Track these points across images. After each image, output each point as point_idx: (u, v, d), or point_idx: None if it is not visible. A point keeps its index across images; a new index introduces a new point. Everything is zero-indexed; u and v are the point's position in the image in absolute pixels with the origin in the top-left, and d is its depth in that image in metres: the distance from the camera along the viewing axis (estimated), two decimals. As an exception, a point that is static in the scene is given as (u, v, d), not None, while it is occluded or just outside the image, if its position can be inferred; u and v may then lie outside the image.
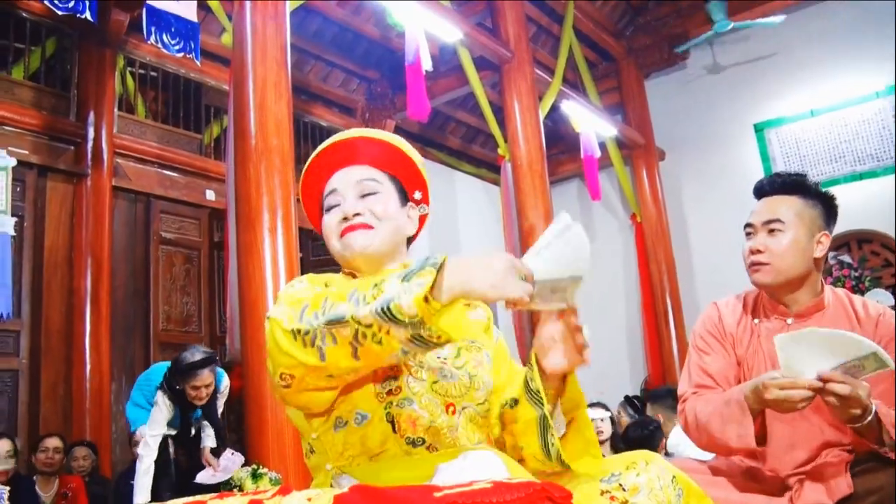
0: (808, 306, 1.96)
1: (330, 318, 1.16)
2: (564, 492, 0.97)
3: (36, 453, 4.76)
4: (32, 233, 5.61)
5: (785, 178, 2.03)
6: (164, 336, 6.34)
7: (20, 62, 5.83)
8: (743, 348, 2.01)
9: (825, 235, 1.97)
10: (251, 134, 4.44)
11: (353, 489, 1.00)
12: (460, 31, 6.75)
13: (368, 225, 1.48)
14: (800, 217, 1.95)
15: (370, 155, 1.56)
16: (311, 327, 1.18)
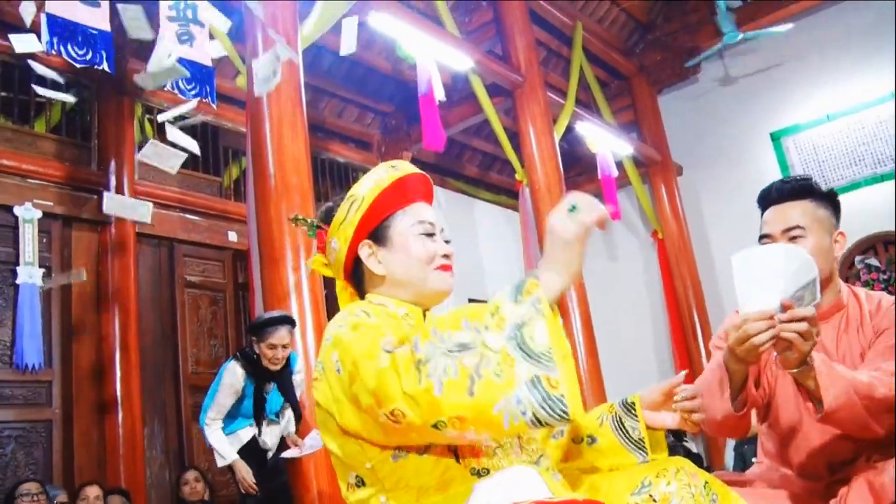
0: (829, 307, 1.94)
1: (457, 343, 1.16)
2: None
3: (76, 502, 4.75)
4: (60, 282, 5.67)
5: (793, 183, 2.01)
6: (194, 379, 6.37)
7: (42, 116, 5.94)
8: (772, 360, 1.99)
9: (840, 234, 1.97)
10: (270, 173, 4.49)
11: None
12: (471, 60, 6.81)
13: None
14: (817, 220, 1.94)
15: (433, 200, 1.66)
16: (432, 356, 1.16)
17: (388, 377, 1.18)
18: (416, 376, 1.15)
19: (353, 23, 3.66)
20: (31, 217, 5.42)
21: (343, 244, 1.55)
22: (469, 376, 1.13)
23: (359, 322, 1.36)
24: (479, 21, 8.22)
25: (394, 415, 1.19)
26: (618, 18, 9.79)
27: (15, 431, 5.22)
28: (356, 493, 1.42)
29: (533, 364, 1.12)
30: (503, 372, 1.12)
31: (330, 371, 1.35)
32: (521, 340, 1.13)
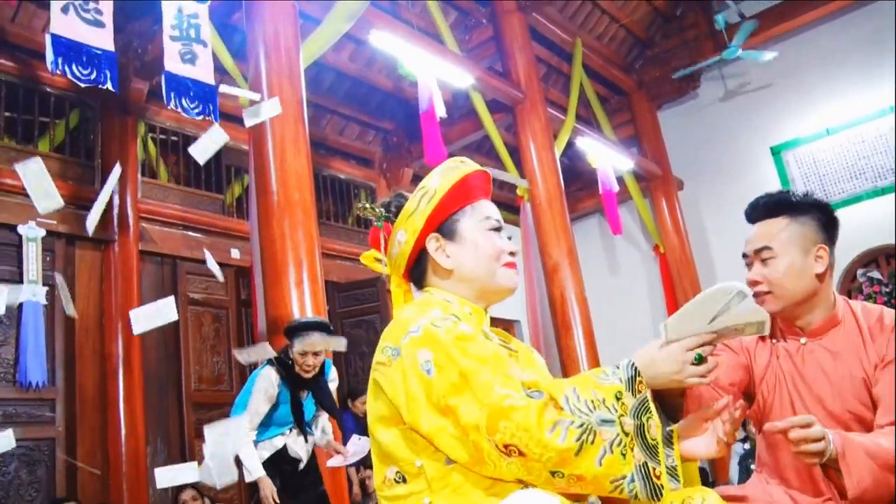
0: (821, 324, 1.89)
1: (603, 419, 1.29)
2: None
3: None
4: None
5: (768, 199, 1.96)
6: (197, 396, 6.37)
7: (45, 135, 5.97)
8: (761, 367, 1.96)
9: (822, 248, 1.88)
10: (273, 190, 4.52)
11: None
12: (472, 77, 6.86)
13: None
14: (789, 238, 1.89)
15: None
16: (581, 419, 1.28)
17: (523, 418, 1.27)
18: (559, 432, 1.26)
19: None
20: (35, 236, 5.45)
21: (411, 236, 1.56)
22: (603, 448, 1.26)
23: (462, 333, 1.39)
24: (479, 38, 8.27)
25: (507, 448, 1.28)
26: (617, 35, 9.85)
27: (18, 450, 5.20)
28: (394, 488, 1.42)
29: (645, 453, 1.30)
30: (627, 453, 1.28)
31: (412, 366, 1.36)
32: (642, 431, 1.31)
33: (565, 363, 6.85)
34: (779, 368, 1.92)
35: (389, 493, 1.43)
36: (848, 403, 1.81)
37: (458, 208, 1.58)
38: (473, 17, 8.27)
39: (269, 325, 4.43)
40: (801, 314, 1.91)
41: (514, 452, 1.27)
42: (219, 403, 6.51)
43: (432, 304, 1.48)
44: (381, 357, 1.44)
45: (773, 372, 1.93)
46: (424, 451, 1.38)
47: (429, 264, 1.58)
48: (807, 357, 1.88)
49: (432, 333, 1.37)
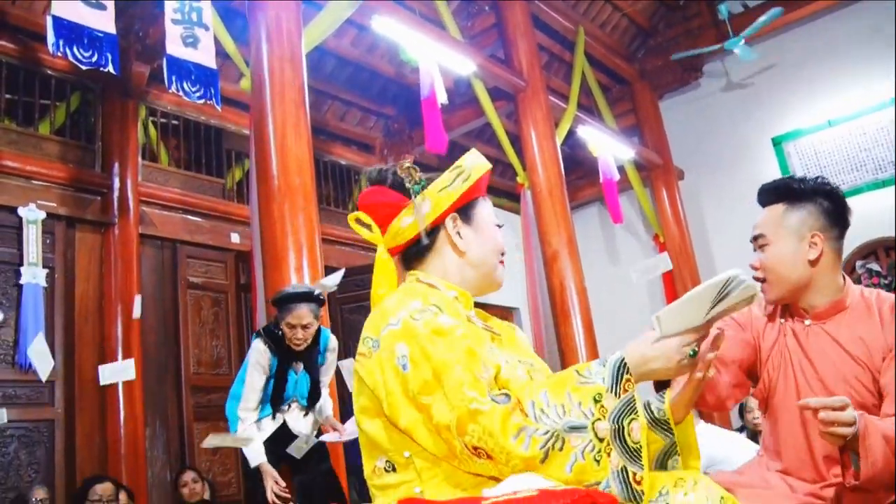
0: (825, 308, 1.92)
1: (573, 425, 1.25)
2: (609, 497, 0.99)
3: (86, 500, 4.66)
4: (63, 283, 5.70)
5: (769, 187, 2.00)
6: (196, 379, 6.39)
7: (46, 117, 5.97)
8: (768, 346, 1.99)
9: (817, 235, 1.90)
10: (273, 175, 4.51)
11: (403, 502, 1.02)
12: (473, 64, 6.84)
13: None
14: (781, 225, 1.93)
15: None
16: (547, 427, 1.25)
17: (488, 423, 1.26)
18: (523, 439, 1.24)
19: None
20: (35, 218, 5.45)
21: (434, 210, 1.54)
22: (573, 454, 1.23)
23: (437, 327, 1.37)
24: (481, 25, 8.25)
25: (476, 450, 1.27)
26: (620, 23, 9.82)
27: (18, 431, 5.24)
28: (384, 477, 1.42)
29: (624, 457, 1.25)
30: (601, 459, 1.24)
31: (389, 360, 1.36)
32: (621, 433, 1.26)
33: (564, 351, 6.86)
34: (785, 347, 1.95)
35: (379, 482, 1.43)
36: (849, 387, 1.83)
37: (479, 196, 1.63)
38: (476, 4, 8.24)
39: (269, 310, 4.43)
40: (801, 299, 1.93)
41: (482, 455, 1.27)
42: (217, 387, 6.52)
43: (415, 294, 1.47)
44: (363, 349, 1.44)
45: (780, 350, 1.96)
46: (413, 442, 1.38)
47: (438, 241, 1.57)
48: (811, 339, 1.91)
49: (410, 327, 1.36)
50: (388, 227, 1.56)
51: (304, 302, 3.78)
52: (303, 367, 3.99)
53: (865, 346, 1.84)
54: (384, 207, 1.57)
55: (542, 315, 7.13)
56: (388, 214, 1.56)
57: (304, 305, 3.78)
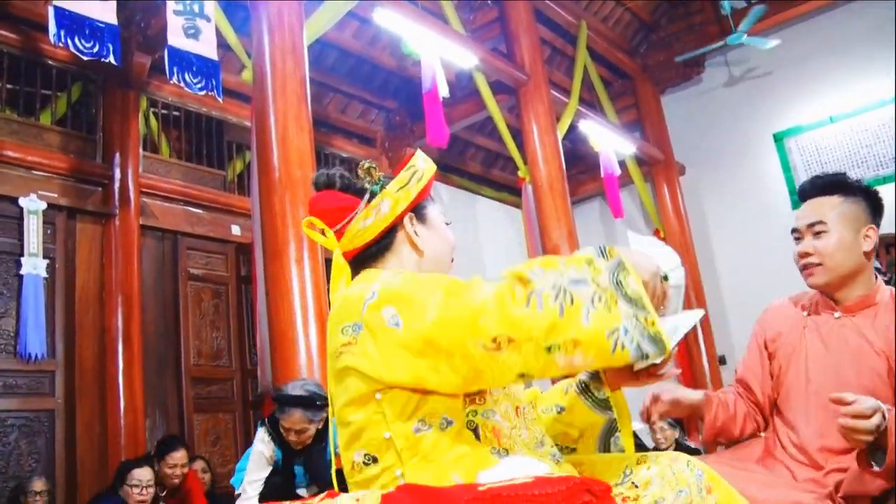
0: (857, 301, 1.99)
1: (573, 279, 1.26)
2: (603, 485, 1.00)
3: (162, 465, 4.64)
4: (64, 274, 5.71)
5: (825, 178, 2.07)
6: (196, 371, 6.41)
7: (47, 108, 5.97)
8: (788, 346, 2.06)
9: (871, 229, 2.00)
10: (275, 167, 4.52)
11: (399, 488, 1.03)
12: (475, 57, 6.84)
13: None
14: (842, 215, 1.99)
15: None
16: (553, 284, 1.25)
17: (495, 306, 1.25)
18: (535, 302, 1.24)
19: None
20: (36, 208, 5.46)
21: (394, 209, 1.53)
22: (584, 305, 1.23)
23: (409, 275, 1.41)
24: (483, 19, 8.25)
25: (496, 342, 1.25)
26: (622, 18, 9.81)
27: (18, 420, 5.26)
28: (363, 471, 1.41)
29: (630, 306, 1.26)
30: (611, 307, 1.24)
31: (378, 329, 1.35)
32: (619, 285, 1.27)
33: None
34: (802, 339, 2.03)
35: (360, 478, 1.42)
36: (863, 377, 1.89)
37: (428, 196, 1.62)
38: (478, -2, 8.24)
39: (269, 301, 4.44)
40: (843, 287, 2.01)
41: (502, 344, 1.25)
42: (217, 378, 6.55)
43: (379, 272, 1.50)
44: (343, 338, 1.41)
45: (793, 343, 2.05)
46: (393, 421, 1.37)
47: (396, 241, 1.56)
48: (836, 330, 1.98)
49: (388, 289, 1.37)
50: (343, 229, 1.55)
51: (299, 408, 3.54)
52: (303, 465, 3.74)
53: (888, 340, 1.89)
54: (337, 211, 1.55)
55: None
56: (342, 218, 1.54)
57: (298, 411, 3.54)
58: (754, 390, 2.13)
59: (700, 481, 1.34)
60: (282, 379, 4.25)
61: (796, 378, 2.01)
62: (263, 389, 4.96)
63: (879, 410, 1.62)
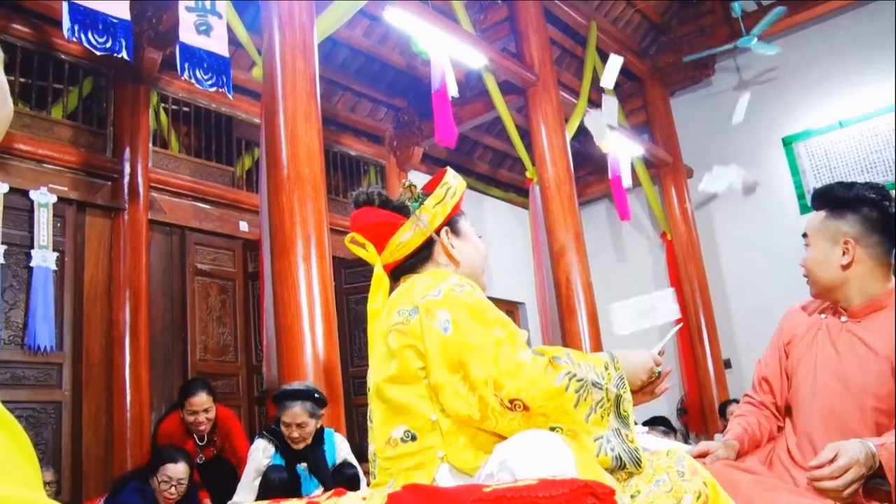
0: (861, 307, 2.01)
1: (595, 381, 1.43)
2: (606, 488, 1.01)
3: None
4: (73, 267, 5.74)
5: (814, 193, 2.12)
6: (202, 366, 6.43)
7: (59, 102, 6.00)
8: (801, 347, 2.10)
9: (849, 242, 2.00)
10: (283, 164, 4.54)
11: (405, 487, 1.05)
12: (485, 57, 6.85)
13: None
14: (819, 229, 2.07)
15: None
16: (581, 375, 1.41)
17: (531, 372, 1.38)
18: (565, 383, 1.39)
19: None
20: (47, 201, 5.49)
21: (431, 223, 1.65)
22: (590, 406, 1.40)
23: (480, 299, 1.51)
24: (493, 19, 8.25)
25: (512, 403, 1.37)
26: (632, 19, 9.81)
27: (25, 412, 5.29)
28: (398, 447, 1.47)
29: (617, 420, 1.44)
30: (605, 416, 1.42)
31: (430, 324, 1.45)
32: (619, 401, 1.46)
33: (568, 347, 6.87)
34: (813, 342, 2.07)
35: (394, 453, 1.47)
36: (869, 383, 1.91)
37: (461, 210, 1.75)
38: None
39: (276, 297, 4.46)
40: (835, 298, 2.06)
41: (518, 407, 1.37)
42: (223, 374, 6.58)
43: (448, 274, 1.58)
44: (398, 318, 1.51)
45: (806, 344, 2.09)
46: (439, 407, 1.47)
47: (434, 253, 1.68)
48: (844, 334, 2.01)
49: (453, 296, 1.47)
50: (384, 244, 1.65)
51: (299, 400, 3.70)
52: (307, 467, 3.83)
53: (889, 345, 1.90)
54: (378, 226, 1.66)
55: (548, 310, 7.15)
56: (383, 232, 1.65)
57: (298, 404, 3.70)
58: (774, 391, 2.18)
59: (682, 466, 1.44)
60: (287, 375, 4.28)
61: (805, 378, 2.05)
62: (268, 385, 4.98)
63: (854, 464, 1.63)
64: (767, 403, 2.19)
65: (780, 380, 2.16)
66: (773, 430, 2.16)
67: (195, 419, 4.11)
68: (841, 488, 1.63)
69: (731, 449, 2.05)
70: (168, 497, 3.66)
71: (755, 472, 1.93)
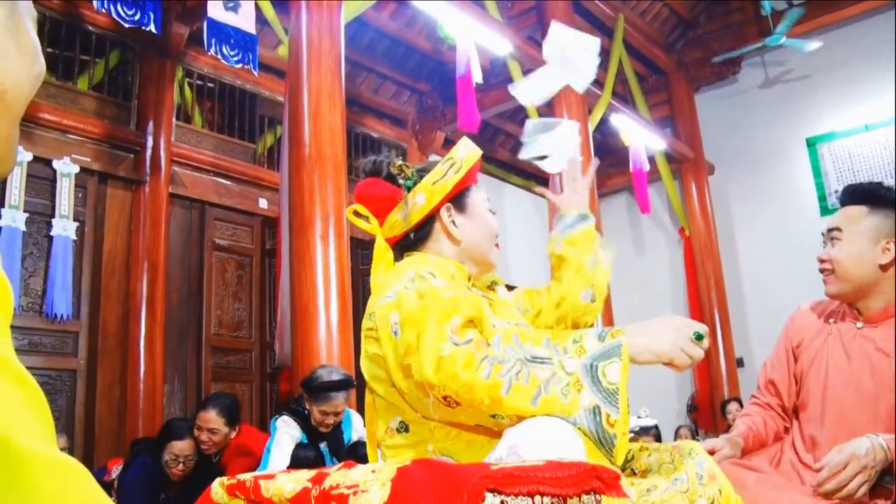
0: (879, 312, 1.97)
1: (534, 355, 1.24)
2: (612, 473, 1.02)
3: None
4: (93, 237, 5.79)
5: (856, 187, 2.06)
6: (216, 340, 6.48)
7: (85, 73, 6.04)
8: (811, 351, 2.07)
9: (892, 242, 1.94)
10: (305, 143, 4.55)
11: (415, 461, 1.06)
12: (510, 45, 6.82)
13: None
14: (860, 224, 1.97)
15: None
16: (508, 358, 1.24)
17: (447, 365, 1.24)
18: (483, 369, 1.22)
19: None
20: (69, 171, 5.53)
21: (429, 202, 1.58)
22: (537, 387, 1.20)
23: (425, 290, 1.39)
24: (520, 6, 8.21)
25: (446, 399, 1.26)
26: (660, 13, 9.74)
27: (41, 378, 5.34)
28: (395, 437, 1.45)
29: (598, 396, 1.20)
30: (569, 394, 1.20)
31: (385, 329, 1.39)
32: (595, 372, 1.22)
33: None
34: (824, 347, 2.03)
35: (391, 443, 1.46)
36: (881, 389, 1.88)
37: (471, 184, 1.66)
38: (517, -15, 8.21)
39: (293, 275, 4.48)
40: (859, 299, 1.99)
41: (452, 403, 1.25)
42: (236, 349, 6.63)
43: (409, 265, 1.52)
44: (368, 323, 1.47)
45: (816, 349, 2.05)
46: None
47: (434, 231, 1.61)
48: (858, 341, 1.97)
49: (403, 296, 1.38)
50: (384, 218, 1.61)
51: (343, 391, 3.67)
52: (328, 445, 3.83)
53: None
54: (380, 199, 1.60)
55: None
56: (385, 207, 1.60)
57: (342, 394, 3.67)
58: (781, 394, 2.14)
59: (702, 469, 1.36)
60: (301, 353, 4.31)
61: (815, 384, 2.02)
62: (281, 361, 5.02)
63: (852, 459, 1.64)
64: (774, 405, 2.17)
65: (787, 383, 2.13)
66: (780, 431, 2.14)
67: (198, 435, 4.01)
68: (842, 484, 1.62)
69: (736, 446, 2.02)
70: (177, 473, 3.68)
71: (762, 470, 1.94)
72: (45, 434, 0.61)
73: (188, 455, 3.69)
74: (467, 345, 1.27)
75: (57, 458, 0.59)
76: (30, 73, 0.72)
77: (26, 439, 0.57)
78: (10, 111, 0.70)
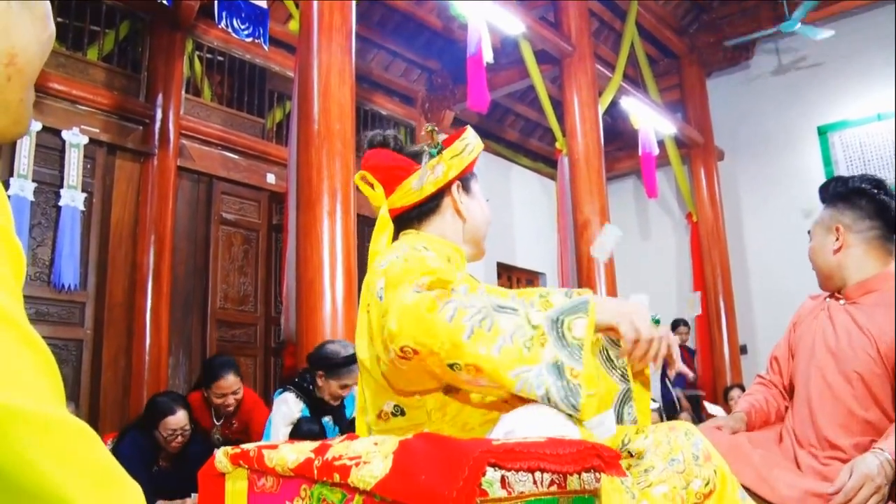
0: (853, 289, 2.11)
1: (501, 305, 1.22)
2: (612, 452, 1.02)
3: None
4: (100, 208, 5.80)
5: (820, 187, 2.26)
6: (221, 314, 6.51)
7: (95, 44, 6.02)
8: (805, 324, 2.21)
9: (839, 227, 2.12)
10: (314, 119, 4.54)
11: (417, 435, 1.07)
12: (523, 25, 6.78)
13: None
14: (819, 222, 2.20)
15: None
16: (473, 305, 1.21)
17: (410, 311, 1.23)
18: (447, 312, 1.20)
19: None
20: (78, 142, 5.54)
21: (445, 174, 1.60)
22: (500, 336, 1.18)
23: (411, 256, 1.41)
24: (533, -14, 8.17)
25: (403, 352, 1.24)
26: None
27: (48, 347, 5.37)
28: (390, 421, 1.45)
29: (562, 351, 1.18)
30: (533, 346, 1.18)
31: (372, 296, 1.40)
32: (560, 326, 1.20)
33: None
34: (815, 320, 2.17)
35: (385, 427, 1.45)
36: (857, 362, 1.99)
37: (473, 171, 1.71)
38: (530, -36, 8.15)
39: (299, 251, 4.49)
40: (836, 285, 2.16)
41: (409, 353, 1.23)
42: (241, 323, 6.65)
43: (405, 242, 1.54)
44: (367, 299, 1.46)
45: (808, 325, 2.19)
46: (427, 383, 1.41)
47: (442, 205, 1.64)
48: (841, 315, 2.10)
49: (393, 263, 1.39)
50: (393, 187, 1.61)
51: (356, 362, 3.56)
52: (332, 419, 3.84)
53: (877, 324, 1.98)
54: (391, 168, 1.61)
55: (569, 282, 7.16)
56: (395, 176, 1.61)
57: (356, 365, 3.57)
58: (782, 371, 2.27)
59: (697, 450, 1.37)
60: (306, 328, 4.33)
61: (803, 352, 2.15)
62: (286, 336, 5.04)
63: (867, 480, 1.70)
64: (776, 383, 2.28)
65: (787, 359, 2.26)
66: (781, 409, 2.23)
67: (224, 402, 4.01)
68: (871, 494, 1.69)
69: (740, 421, 2.15)
70: (175, 446, 3.71)
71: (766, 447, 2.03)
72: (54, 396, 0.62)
73: (184, 426, 3.69)
74: (431, 292, 1.25)
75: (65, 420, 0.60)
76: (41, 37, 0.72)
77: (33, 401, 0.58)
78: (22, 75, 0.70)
